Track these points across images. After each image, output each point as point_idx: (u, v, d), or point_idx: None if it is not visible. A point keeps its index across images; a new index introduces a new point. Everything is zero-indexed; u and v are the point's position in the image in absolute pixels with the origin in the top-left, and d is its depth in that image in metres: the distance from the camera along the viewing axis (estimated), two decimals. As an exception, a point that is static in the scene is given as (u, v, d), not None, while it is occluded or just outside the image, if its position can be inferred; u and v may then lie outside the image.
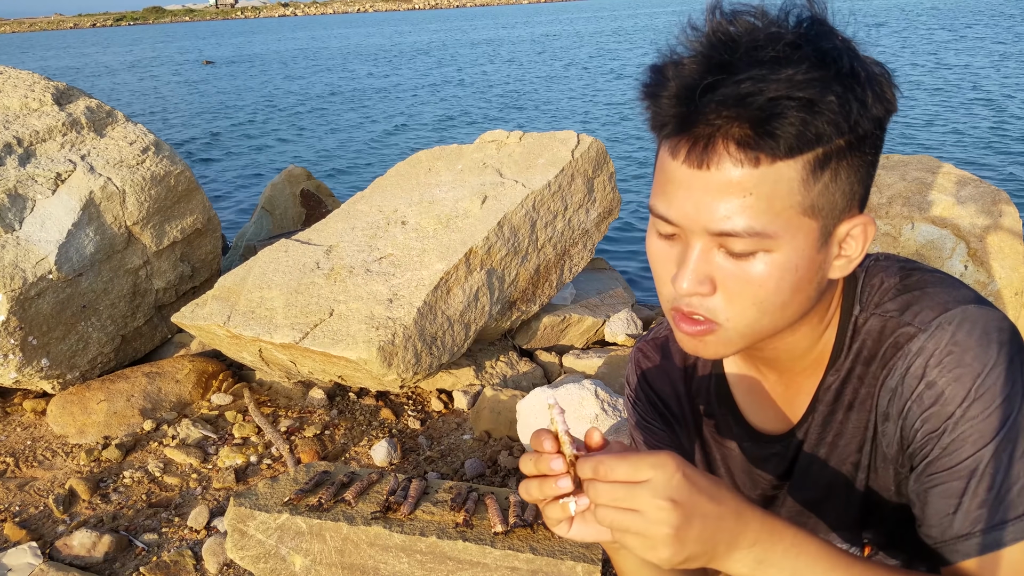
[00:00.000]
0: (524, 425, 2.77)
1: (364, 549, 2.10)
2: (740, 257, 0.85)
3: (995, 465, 0.87)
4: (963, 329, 0.90)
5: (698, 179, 0.83)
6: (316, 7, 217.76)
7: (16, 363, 3.15)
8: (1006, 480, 0.87)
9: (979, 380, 0.88)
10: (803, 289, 0.89)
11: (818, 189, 0.83)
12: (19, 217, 3.32)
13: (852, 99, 0.80)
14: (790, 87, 0.77)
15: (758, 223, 0.83)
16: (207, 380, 3.44)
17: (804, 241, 0.85)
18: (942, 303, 0.93)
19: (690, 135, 0.83)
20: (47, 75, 4.21)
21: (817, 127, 0.79)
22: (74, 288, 3.33)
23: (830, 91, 0.78)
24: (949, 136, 10.38)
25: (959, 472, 0.89)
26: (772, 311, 0.89)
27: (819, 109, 0.78)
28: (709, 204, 0.83)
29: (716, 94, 0.79)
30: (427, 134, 13.96)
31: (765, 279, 0.86)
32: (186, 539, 2.53)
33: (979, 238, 2.44)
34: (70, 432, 3.16)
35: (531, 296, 3.45)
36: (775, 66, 0.78)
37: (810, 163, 0.82)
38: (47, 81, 4.08)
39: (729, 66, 0.79)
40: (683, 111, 0.82)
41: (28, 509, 2.71)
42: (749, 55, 0.79)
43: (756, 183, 0.82)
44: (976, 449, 0.88)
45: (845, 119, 0.80)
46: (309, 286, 3.13)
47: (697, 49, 0.82)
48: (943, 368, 0.90)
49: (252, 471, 2.91)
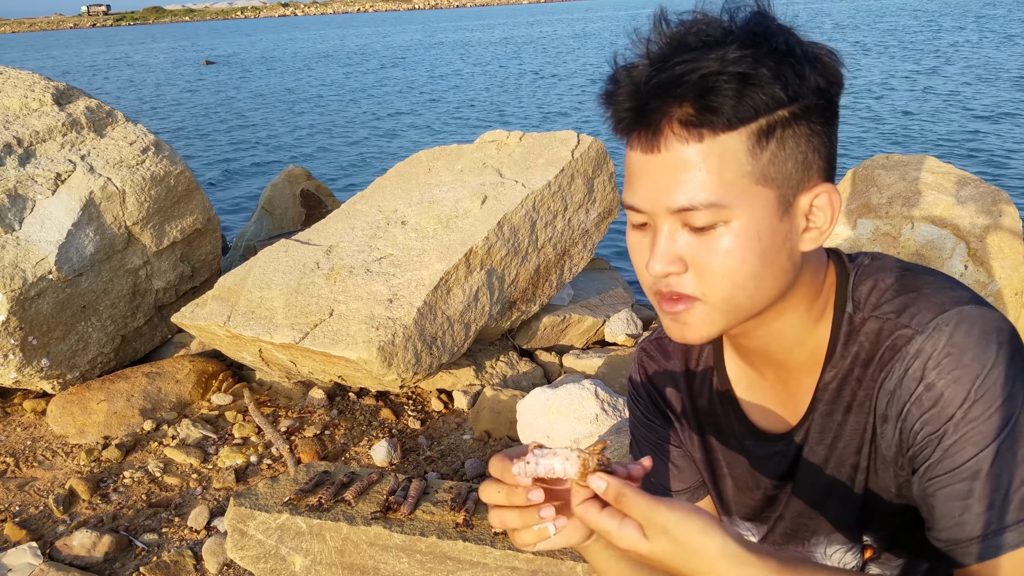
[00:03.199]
0: (524, 425, 2.77)
1: (364, 549, 2.10)
2: (702, 232, 0.89)
3: (999, 465, 0.87)
4: (961, 330, 0.91)
5: (652, 163, 0.89)
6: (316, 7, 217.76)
7: (16, 363, 3.15)
8: (1012, 481, 0.87)
9: (978, 381, 0.88)
10: (772, 260, 0.91)
11: (766, 158, 0.87)
12: (19, 217, 3.32)
13: (788, 72, 0.84)
14: (722, 64, 0.83)
15: (712, 195, 0.87)
16: (207, 380, 3.43)
17: (762, 210, 0.89)
18: (939, 304, 0.93)
19: (641, 125, 0.89)
20: (47, 75, 4.21)
21: (753, 98, 0.84)
22: (74, 288, 3.33)
23: (762, 65, 0.83)
24: (950, 135, 10.38)
25: (962, 474, 0.88)
26: (744, 283, 0.91)
27: (753, 82, 0.83)
28: (665, 184, 0.88)
29: (656, 81, 0.85)
30: (429, 133, 13.96)
31: (730, 249, 0.89)
32: (186, 539, 2.53)
33: (979, 238, 2.43)
34: (70, 432, 3.16)
35: (531, 296, 3.45)
36: (707, 49, 0.84)
37: (754, 134, 0.86)
38: (47, 81, 4.08)
39: (669, 58, 0.85)
40: (634, 105, 0.88)
41: (28, 509, 2.71)
42: (685, 45, 0.86)
43: (703, 157, 0.86)
44: (978, 450, 0.87)
45: (783, 90, 0.84)
46: (309, 286, 3.13)
47: (645, 51, 0.89)
48: (941, 370, 0.90)
49: (252, 471, 2.91)
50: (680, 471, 1.25)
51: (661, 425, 1.25)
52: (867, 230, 2.49)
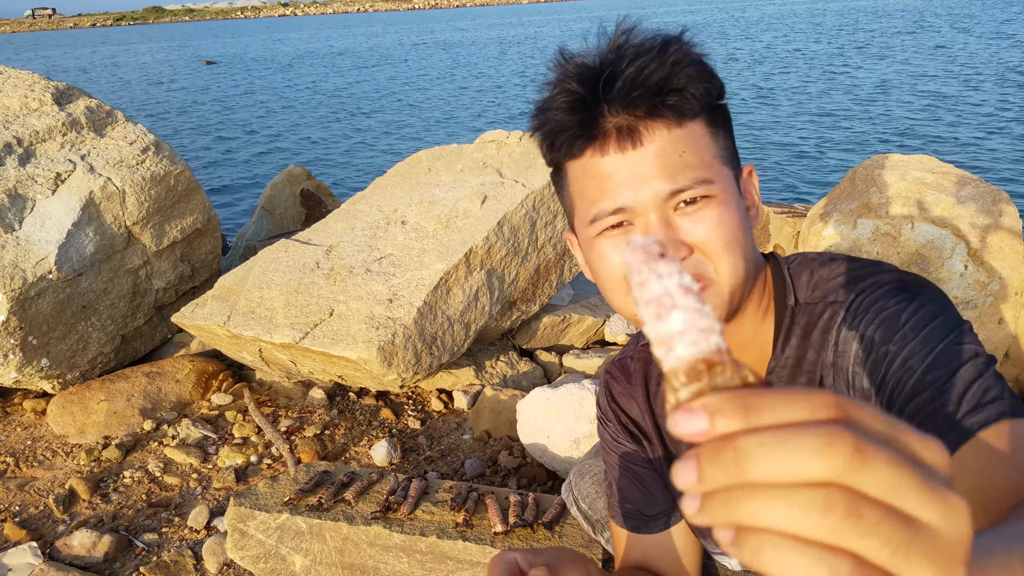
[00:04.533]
0: (524, 425, 2.77)
1: (364, 549, 2.10)
2: (693, 211, 0.94)
3: (947, 369, 0.89)
4: (880, 290, 0.98)
5: (634, 158, 0.93)
6: (316, 7, 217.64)
7: (16, 363, 3.15)
8: (962, 377, 0.88)
9: (905, 313, 0.94)
10: (747, 232, 0.98)
11: (720, 142, 0.97)
12: (19, 217, 3.32)
13: (711, 74, 0.95)
14: (682, 61, 0.91)
15: (701, 172, 0.93)
16: (207, 380, 3.43)
17: (730, 186, 0.97)
18: (858, 277, 1.01)
19: (606, 129, 0.93)
20: (47, 75, 4.21)
21: (708, 89, 0.94)
22: (74, 288, 3.33)
23: (705, 65, 0.95)
24: (950, 135, 10.38)
25: (922, 391, 0.89)
26: (742, 252, 0.96)
27: (705, 77, 0.93)
28: (654, 174, 0.92)
29: (620, 83, 0.91)
30: (429, 132, 13.96)
31: (721, 219, 0.94)
32: (186, 539, 2.53)
33: (979, 238, 2.43)
34: (70, 432, 3.16)
35: (531, 296, 3.45)
36: (649, 55, 0.91)
37: (708, 121, 0.96)
38: (47, 81, 4.08)
39: (617, 62, 0.92)
40: (587, 116, 0.93)
41: (28, 509, 2.71)
42: (622, 55, 0.92)
43: (683, 141, 0.93)
44: (932, 358, 0.90)
45: (715, 87, 0.95)
46: (309, 286, 3.13)
47: (576, 67, 0.94)
48: (869, 322, 0.96)
49: (252, 471, 2.91)
50: (653, 496, 1.27)
51: (632, 447, 1.27)
52: (867, 230, 2.49)
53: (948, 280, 2.43)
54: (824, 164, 9.66)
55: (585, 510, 1.74)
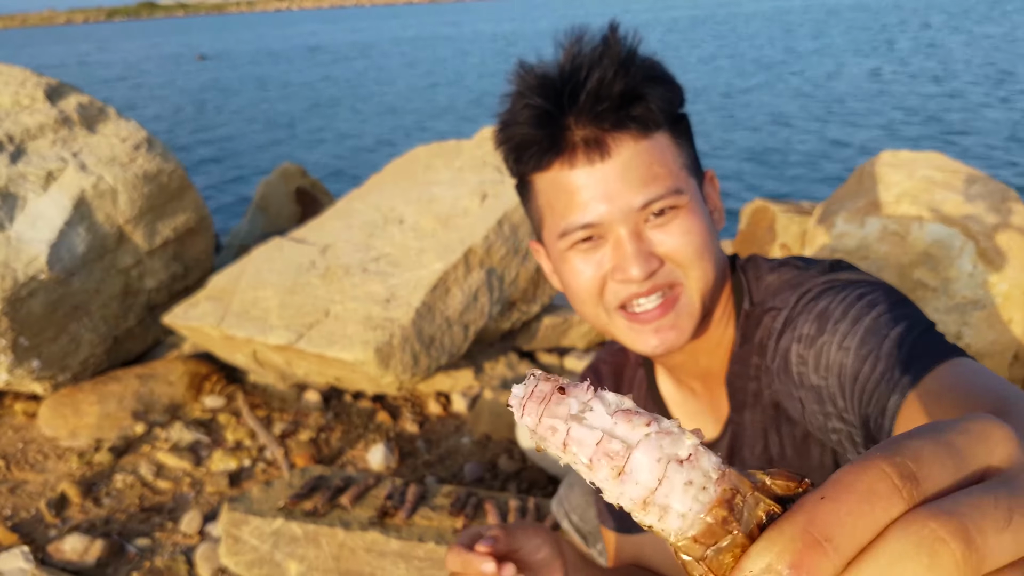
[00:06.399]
0: (524, 428, 2.73)
1: (361, 555, 2.06)
2: (663, 223, 0.95)
3: (885, 328, 0.88)
4: (814, 292, 0.99)
5: (602, 171, 0.93)
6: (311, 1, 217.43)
7: (7, 364, 3.10)
8: (896, 332, 0.87)
9: (834, 303, 0.94)
10: (715, 238, 1.00)
11: (684, 152, 0.99)
12: (10, 216, 3.27)
13: (670, 81, 0.97)
14: (643, 72, 0.92)
15: (670, 183, 0.95)
16: (200, 382, 3.39)
17: (696, 194, 0.98)
18: (797, 283, 1.03)
19: (573, 142, 0.93)
20: (39, 71, 4.15)
21: (671, 100, 0.96)
22: (65, 288, 3.28)
23: (664, 72, 0.97)
24: (958, 132, 10.37)
25: (867, 355, 0.88)
26: (712, 258, 0.98)
27: (665, 84, 0.95)
28: (623, 187, 0.93)
29: (584, 96, 0.91)
30: (428, 129, 13.91)
31: (690, 228, 0.96)
32: (179, 544, 2.49)
33: (988, 237, 2.40)
34: (62, 435, 3.11)
35: (532, 296, 3.40)
36: (610, 67, 0.92)
37: (672, 131, 0.97)
38: (39, 77, 4.02)
39: (576, 73, 0.92)
40: (554, 130, 0.94)
41: (20, 513, 2.67)
42: (585, 62, 0.93)
43: (651, 151, 0.94)
44: (862, 332, 0.89)
45: (676, 94, 0.98)
46: (304, 286, 3.09)
47: (537, 79, 0.95)
48: (803, 320, 0.97)
49: (246, 475, 2.86)
50: None
51: None
52: (875, 228, 2.45)
53: (957, 280, 2.39)
54: (832, 160, 9.64)
55: (576, 522, 1.71)
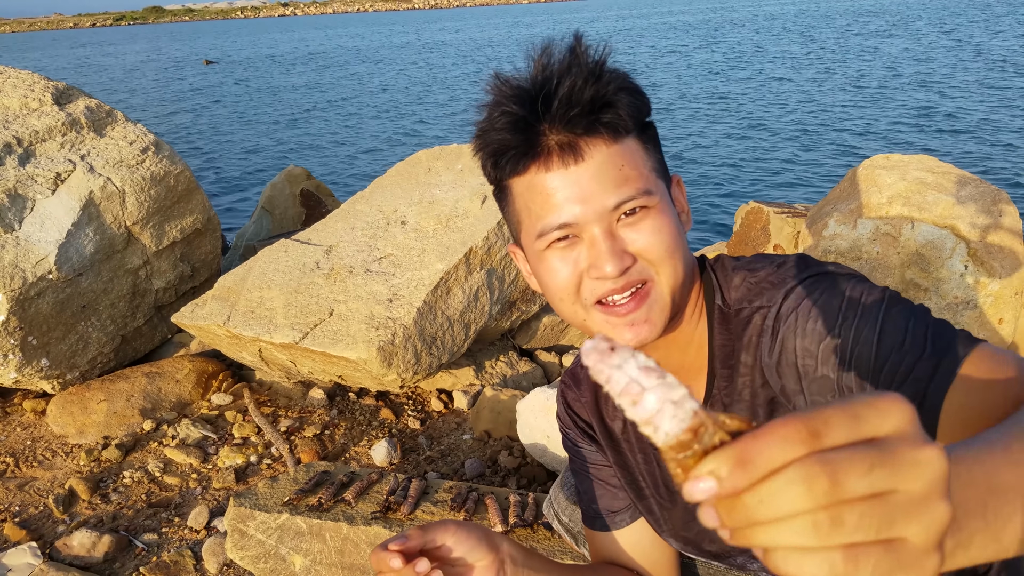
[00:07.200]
0: (524, 425, 2.77)
1: (364, 549, 2.10)
2: (634, 222, 0.98)
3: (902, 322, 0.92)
4: (803, 289, 1.02)
5: (576, 173, 0.97)
6: (316, 7, 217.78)
7: (16, 363, 3.15)
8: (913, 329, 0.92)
9: (836, 299, 0.98)
10: (683, 238, 1.04)
11: (653, 156, 1.03)
12: (19, 217, 3.32)
13: (637, 90, 1.00)
14: (612, 81, 0.96)
15: (641, 184, 0.98)
16: (207, 380, 3.43)
17: (666, 196, 1.02)
18: (780, 281, 1.06)
19: (548, 146, 0.97)
20: (47, 75, 4.21)
21: (639, 108, 0.99)
22: (74, 288, 3.33)
23: (631, 82, 1.00)
24: (949, 135, 10.38)
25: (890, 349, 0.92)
26: (681, 256, 1.01)
27: (631, 92, 0.98)
28: (595, 188, 0.97)
29: (556, 102, 0.95)
30: (430, 132, 13.95)
31: (660, 227, 0.99)
32: (186, 539, 2.53)
33: (979, 238, 2.43)
34: (70, 432, 3.15)
35: (531, 296, 3.45)
36: (581, 74, 0.95)
37: (640, 137, 1.01)
38: (47, 81, 4.08)
39: (547, 82, 0.96)
40: (529, 135, 0.97)
41: (28, 509, 2.71)
42: (555, 72, 0.96)
43: (621, 155, 0.98)
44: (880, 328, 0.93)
45: (643, 103, 1.01)
46: (309, 286, 3.13)
47: (512, 89, 0.98)
48: (804, 315, 1.00)
49: (252, 471, 2.91)
50: (617, 492, 1.33)
51: (593, 449, 1.34)
52: (867, 230, 2.49)
53: (948, 280, 2.43)
54: (825, 163, 9.66)
55: (566, 522, 1.75)
